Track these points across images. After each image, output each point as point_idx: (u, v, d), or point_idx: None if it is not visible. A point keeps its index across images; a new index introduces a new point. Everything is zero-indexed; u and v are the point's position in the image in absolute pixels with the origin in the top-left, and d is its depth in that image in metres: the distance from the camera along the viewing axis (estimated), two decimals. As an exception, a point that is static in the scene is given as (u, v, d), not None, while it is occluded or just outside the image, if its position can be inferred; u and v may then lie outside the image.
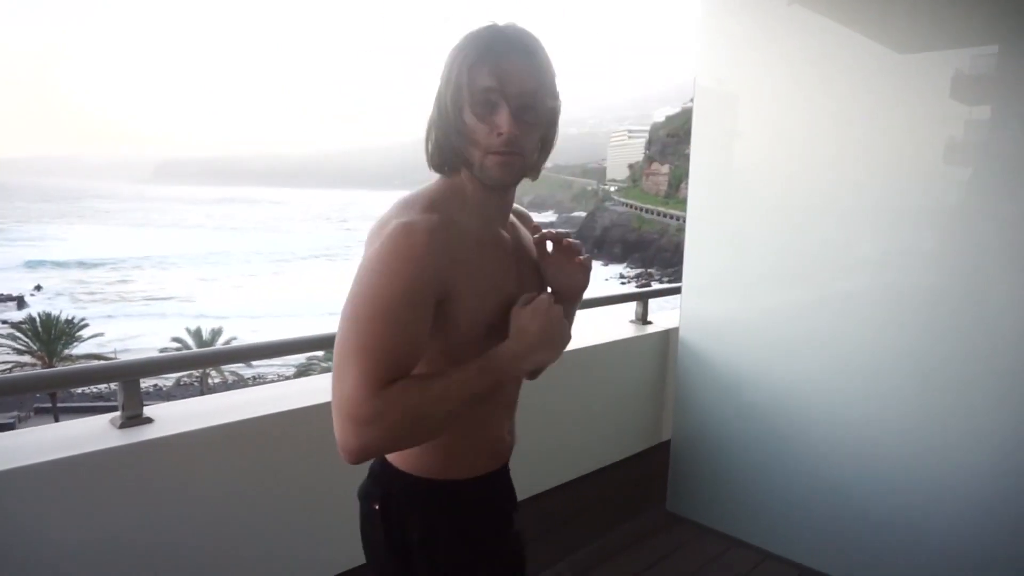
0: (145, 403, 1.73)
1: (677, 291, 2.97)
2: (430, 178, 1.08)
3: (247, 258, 68.90)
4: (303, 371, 28.33)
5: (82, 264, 61.72)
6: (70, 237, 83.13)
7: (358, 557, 2.04)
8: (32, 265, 59.45)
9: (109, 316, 42.61)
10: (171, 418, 1.73)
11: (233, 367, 28.41)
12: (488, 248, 1.04)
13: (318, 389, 2.01)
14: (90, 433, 1.62)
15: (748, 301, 2.69)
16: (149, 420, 1.70)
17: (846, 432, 2.42)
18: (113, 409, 1.72)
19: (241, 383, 29.22)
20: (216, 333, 30.96)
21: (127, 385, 1.67)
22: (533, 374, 1.14)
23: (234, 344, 2.85)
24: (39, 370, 1.77)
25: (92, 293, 53.72)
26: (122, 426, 1.65)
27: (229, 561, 1.77)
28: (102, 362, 2.05)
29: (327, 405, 1.91)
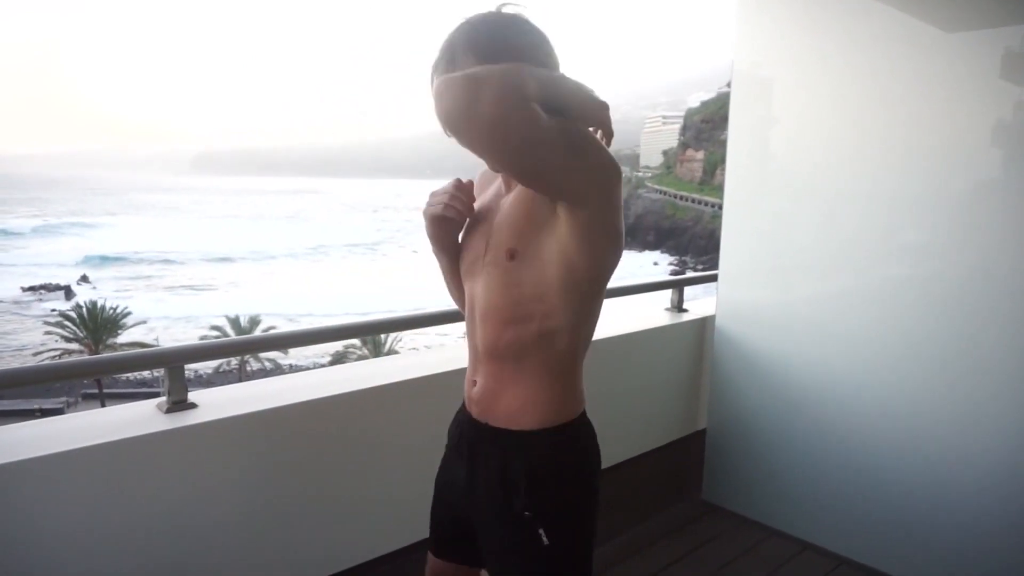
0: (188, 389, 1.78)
1: (713, 279, 2.94)
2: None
3: (286, 252, 69.65)
4: (338, 359, 28.75)
5: (125, 259, 63.08)
6: (119, 226, 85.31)
7: (398, 541, 2.08)
8: (90, 261, 60.81)
9: (155, 307, 43.58)
10: (215, 403, 1.77)
11: (271, 354, 28.93)
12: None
13: (357, 376, 2.04)
14: (138, 417, 1.67)
15: (786, 288, 2.65)
16: (194, 405, 1.74)
17: (885, 421, 2.38)
18: (156, 395, 1.77)
19: (278, 371, 29.78)
20: (254, 322, 31.55)
21: (172, 371, 1.71)
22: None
23: (274, 332, 2.91)
24: (91, 357, 1.83)
25: (137, 281, 55.15)
26: (168, 411, 1.70)
27: (271, 543, 1.82)
28: (148, 349, 2.11)
29: (367, 392, 1.96)
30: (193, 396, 1.78)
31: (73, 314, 28.53)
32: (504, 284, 1.15)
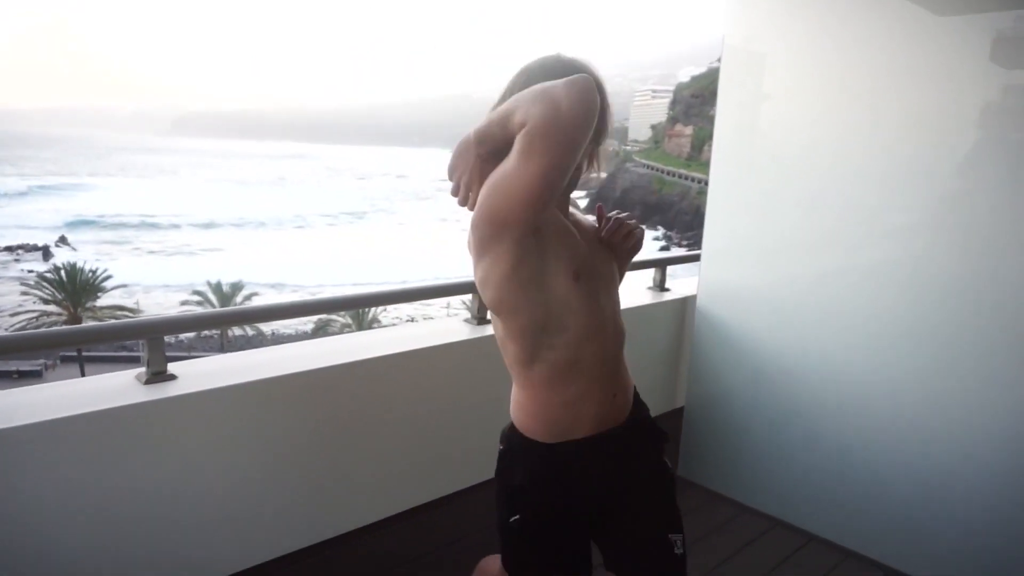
0: (168, 353, 1.77)
1: (696, 258, 2.95)
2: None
3: (271, 218, 68.70)
4: (322, 326, 28.71)
5: (102, 222, 61.92)
6: (100, 187, 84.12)
7: (378, 512, 2.12)
8: (69, 223, 59.74)
9: (136, 271, 43.05)
10: (194, 375, 1.76)
11: (253, 321, 28.72)
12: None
13: (338, 350, 2.04)
14: (116, 388, 1.67)
15: (767, 270, 2.67)
16: (173, 377, 1.74)
17: (859, 403, 2.43)
18: (137, 359, 1.77)
19: (259, 336, 29.71)
20: (236, 287, 31.33)
21: (152, 343, 1.71)
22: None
23: (256, 304, 2.90)
24: (69, 327, 1.82)
25: (118, 245, 54.45)
26: (147, 382, 1.69)
27: (250, 516, 1.83)
28: (128, 320, 2.09)
29: (348, 366, 1.97)
30: (173, 368, 1.78)
31: (51, 276, 28.14)
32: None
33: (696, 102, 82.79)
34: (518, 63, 1.27)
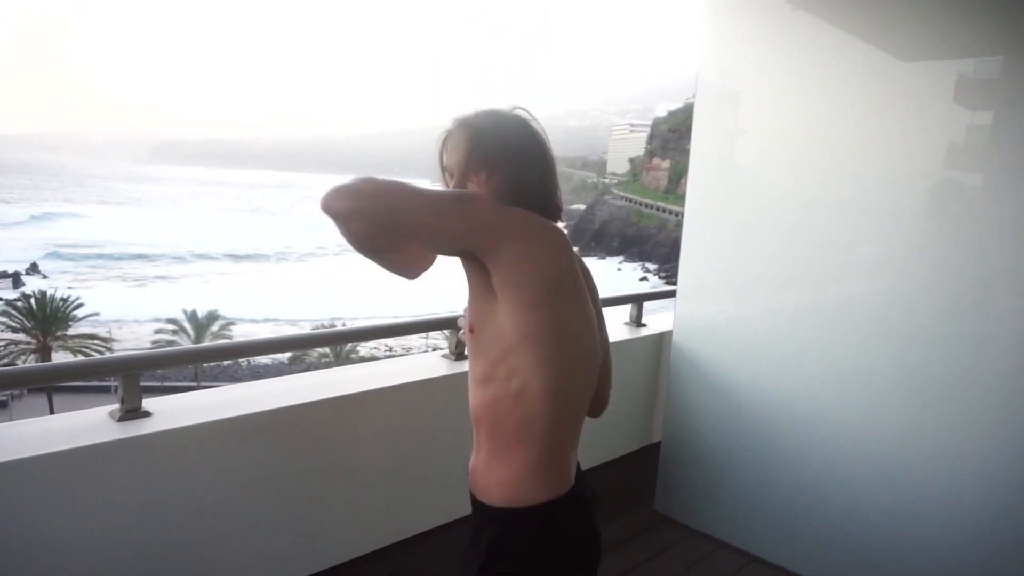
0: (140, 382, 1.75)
1: (672, 295, 2.99)
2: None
3: (248, 250, 67.98)
4: (299, 356, 28.38)
5: (76, 253, 60.88)
6: (79, 215, 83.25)
7: (356, 549, 2.09)
8: (48, 253, 58.74)
9: (109, 301, 42.32)
10: (170, 412, 1.75)
11: (229, 350, 28.27)
12: None
13: (314, 385, 2.03)
14: (88, 426, 1.64)
15: (742, 305, 2.71)
16: (147, 414, 1.72)
17: (835, 439, 2.46)
18: (106, 388, 1.75)
19: (235, 365, 29.30)
20: (212, 316, 30.91)
21: (127, 379, 1.69)
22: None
23: (233, 340, 2.88)
24: (43, 364, 1.80)
25: (92, 272, 53.61)
26: (121, 419, 1.67)
27: (226, 555, 1.80)
28: (103, 357, 2.08)
29: (324, 402, 1.96)
30: (148, 404, 1.76)
31: (20, 304, 27.56)
32: (473, 354, 1.21)
33: (673, 136, 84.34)
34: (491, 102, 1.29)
